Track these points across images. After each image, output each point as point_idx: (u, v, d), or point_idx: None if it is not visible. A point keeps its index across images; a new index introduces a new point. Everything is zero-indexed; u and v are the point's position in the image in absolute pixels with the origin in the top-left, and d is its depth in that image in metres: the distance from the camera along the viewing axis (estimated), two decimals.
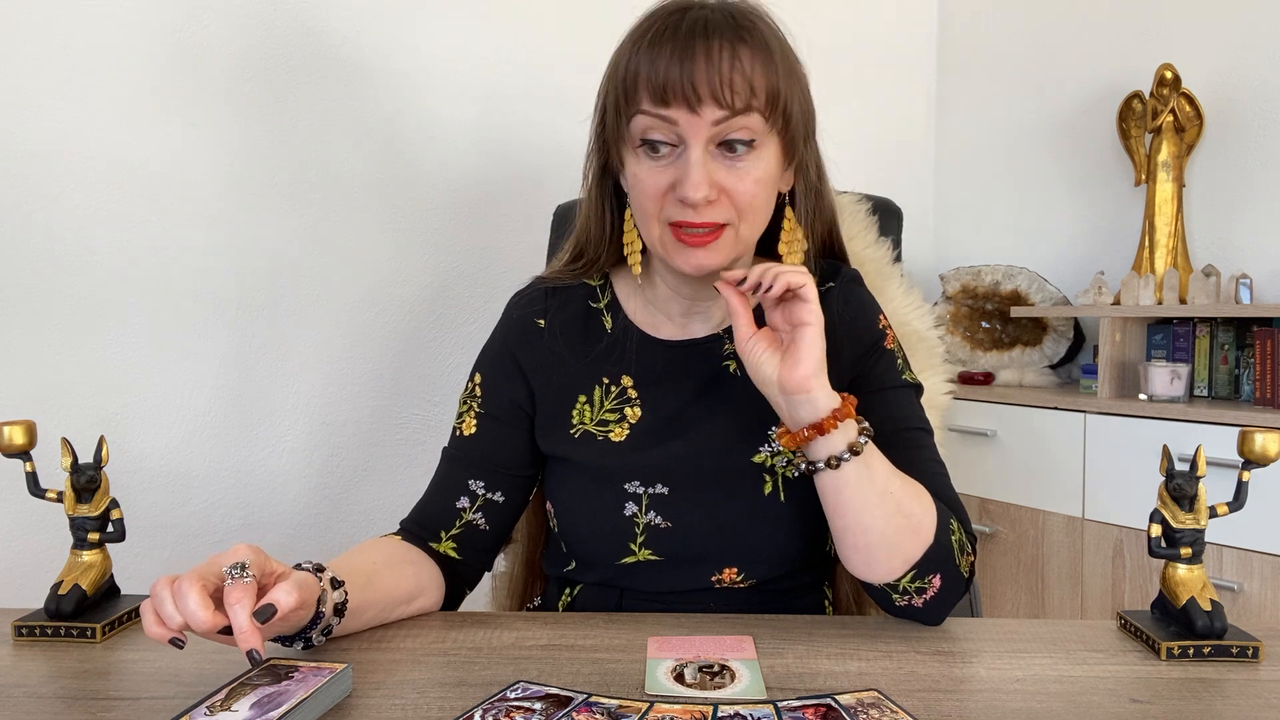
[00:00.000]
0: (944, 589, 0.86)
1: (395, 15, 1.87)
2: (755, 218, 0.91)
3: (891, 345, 1.00)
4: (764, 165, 0.89)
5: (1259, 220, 2.16)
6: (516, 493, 1.01)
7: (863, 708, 0.67)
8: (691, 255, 0.89)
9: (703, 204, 0.86)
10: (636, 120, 0.88)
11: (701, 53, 0.85)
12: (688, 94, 0.84)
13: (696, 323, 1.00)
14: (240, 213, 1.74)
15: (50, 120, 1.59)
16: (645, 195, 0.89)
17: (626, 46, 0.90)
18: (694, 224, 0.87)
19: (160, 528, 1.70)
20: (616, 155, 0.93)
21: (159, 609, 0.66)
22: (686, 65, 0.84)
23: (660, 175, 0.88)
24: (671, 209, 0.88)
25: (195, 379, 1.72)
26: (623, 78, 0.89)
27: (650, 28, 0.88)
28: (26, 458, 0.85)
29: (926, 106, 2.79)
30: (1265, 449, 0.80)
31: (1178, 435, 1.89)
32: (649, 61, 0.86)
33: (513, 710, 0.66)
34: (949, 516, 0.89)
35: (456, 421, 1.03)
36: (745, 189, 0.88)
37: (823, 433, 0.81)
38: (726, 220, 0.88)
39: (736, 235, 0.90)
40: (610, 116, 0.91)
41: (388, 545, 0.95)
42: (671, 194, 0.88)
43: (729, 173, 0.87)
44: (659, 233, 0.90)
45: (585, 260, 1.02)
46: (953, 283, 2.52)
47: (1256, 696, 0.72)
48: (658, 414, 0.97)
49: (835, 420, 0.81)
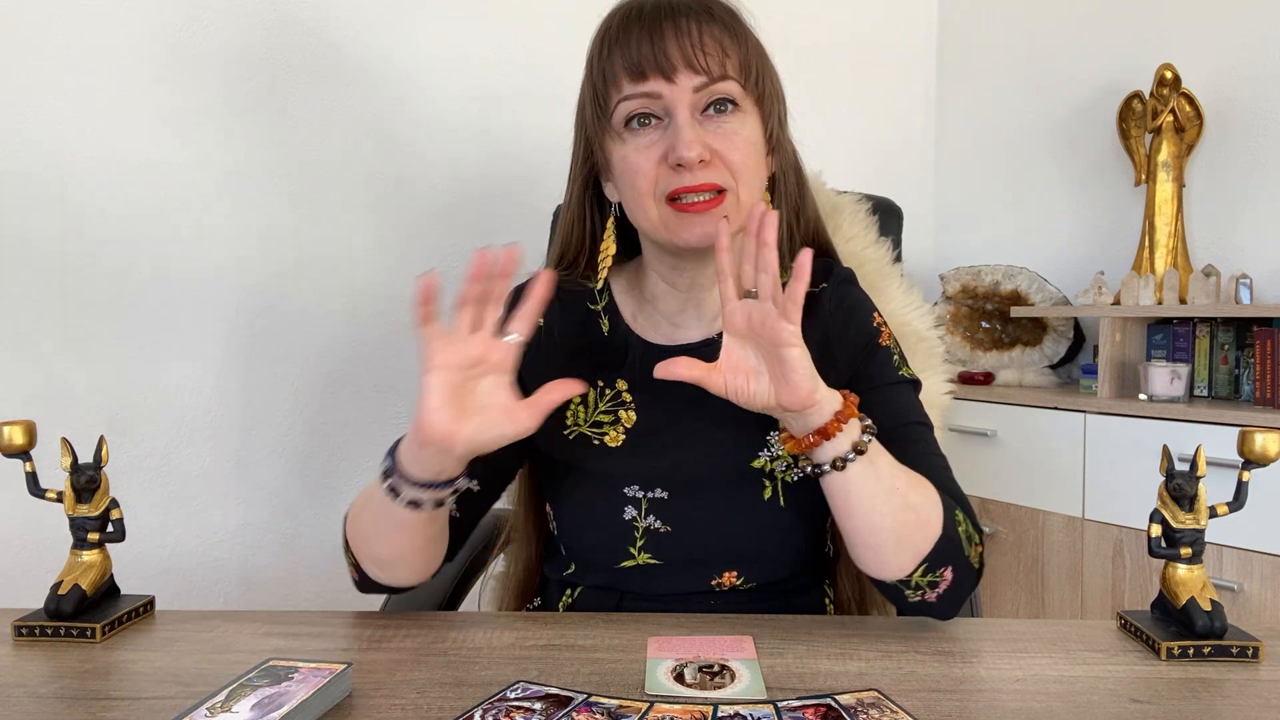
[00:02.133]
0: (956, 580, 0.85)
1: (395, 15, 1.87)
2: (751, 180, 0.91)
3: (887, 342, 0.99)
4: (750, 128, 0.90)
5: (1259, 220, 2.16)
6: (491, 486, 1.00)
7: (863, 708, 0.67)
8: (695, 223, 0.88)
9: (697, 164, 0.87)
10: (620, 107, 0.89)
11: (670, 28, 0.87)
12: (662, 64, 0.86)
13: (690, 323, 0.99)
14: (240, 212, 1.74)
15: (50, 120, 1.59)
16: (638, 173, 0.89)
17: (597, 43, 0.92)
18: (692, 188, 0.87)
19: (160, 528, 1.70)
20: (602, 154, 0.93)
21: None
22: (658, 41, 0.87)
23: (651, 150, 0.89)
24: (667, 180, 0.88)
25: (195, 379, 1.72)
26: (599, 70, 0.90)
27: (615, 18, 0.91)
28: (26, 458, 0.85)
29: (926, 106, 2.79)
30: (1265, 449, 0.80)
31: (1178, 435, 1.88)
32: (622, 47, 0.88)
33: (513, 710, 0.66)
34: (954, 508, 0.88)
35: None
36: (736, 148, 0.89)
37: (828, 437, 0.80)
38: (723, 185, 0.89)
39: (737, 201, 0.90)
40: (591, 111, 0.92)
41: None
42: (664, 165, 0.88)
43: (717, 135, 0.88)
44: (658, 212, 0.90)
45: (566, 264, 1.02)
46: (953, 283, 2.52)
47: (1256, 696, 0.72)
48: (654, 419, 0.96)
49: (839, 423, 0.80)
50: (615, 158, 0.91)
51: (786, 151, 0.98)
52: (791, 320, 0.75)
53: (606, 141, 0.92)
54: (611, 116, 0.90)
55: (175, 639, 0.83)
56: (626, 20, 0.89)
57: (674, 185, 0.88)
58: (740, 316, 0.78)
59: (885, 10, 2.67)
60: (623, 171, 0.91)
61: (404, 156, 1.89)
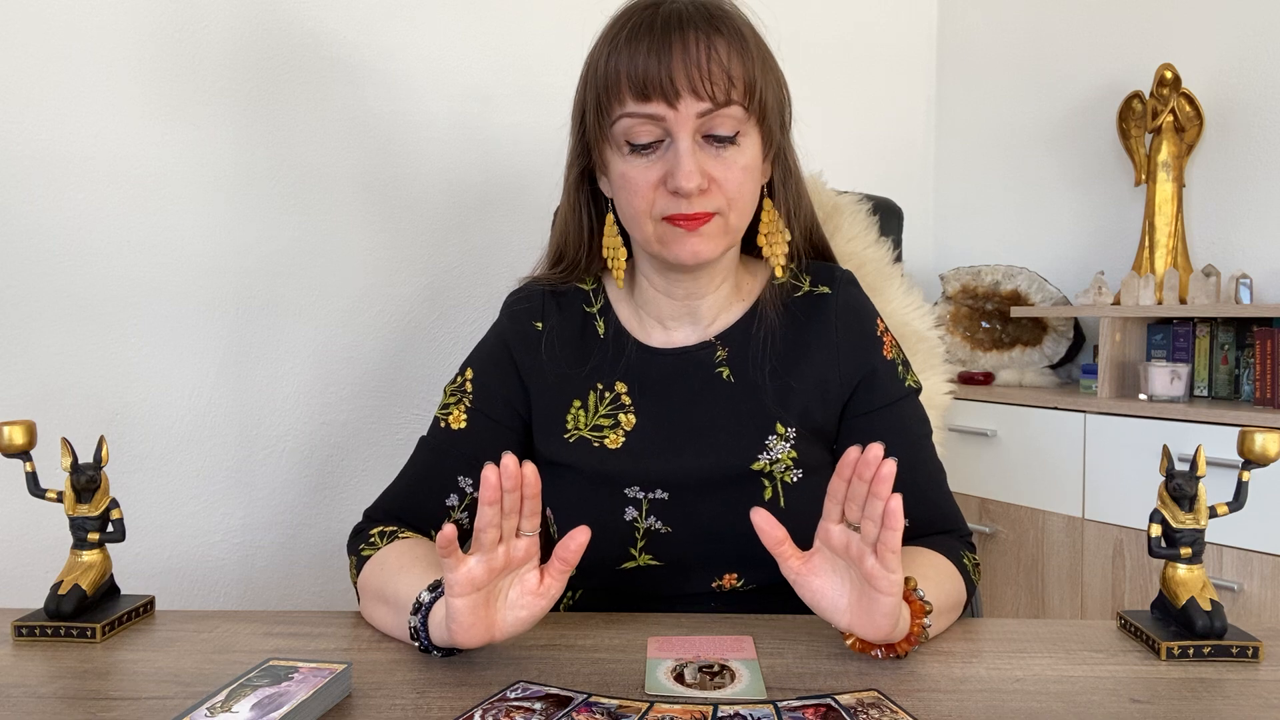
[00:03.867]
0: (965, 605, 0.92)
1: (394, 15, 1.87)
2: (744, 206, 0.92)
3: (891, 353, 1.00)
4: (749, 154, 0.90)
5: (1259, 220, 2.16)
6: None
7: (863, 708, 0.67)
8: (686, 242, 0.89)
9: (695, 194, 0.87)
10: (621, 122, 0.88)
11: (678, 45, 0.86)
12: (666, 88, 0.86)
13: (686, 325, 1.00)
14: (239, 212, 1.74)
15: (50, 120, 1.59)
16: (636, 193, 0.89)
17: (602, 46, 0.91)
18: (688, 216, 0.88)
19: (160, 528, 1.70)
20: (599, 157, 0.93)
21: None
22: (664, 59, 0.85)
23: (649, 171, 0.89)
24: (663, 203, 0.89)
25: (195, 379, 1.72)
26: (603, 76, 0.89)
27: (625, 25, 0.89)
28: (26, 458, 0.85)
29: (926, 106, 2.79)
30: (1265, 449, 0.80)
31: (1178, 435, 1.88)
32: (628, 58, 0.87)
33: (513, 710, 0.66)
34: (960, 554, 0.92)
35: (441, 413, 1.01)
36: (734, 177, 0.89)
37: (900, 655, 0.78)
38: (717, 209, 0.89)
39: (727, 224, 0.91)
40: (591, 117, 0.92)
41: (425, 543, 0.92)
42: (662, 189, 0.88)
43: (716, 162, 0.88)
44: (652, 229, 0.90)
45: (567, 262, 1.02)
46: (953, 283, 2.52)
47: (1256, 696, 0.72)
48: (654, 421, 0.97)
49: (908, 644, 0.77)
50: (613, 169, 0.92)
51: (786, 157, 0.98)
52: (892, 570, 0.71)
53: (605, 148, 0.92)
54: (611, 128, 0.90)
55: (175, 639, 0.83)
56: (635, 29, 0.88)
57: (671, 210, 0.88)
58: (839, 541, 0.74)
59: (885, 10, 2.66)
60: (621, 186, 0.91)
61: (402, 157, 1.89)
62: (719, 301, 0.99)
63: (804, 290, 1.00)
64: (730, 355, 0.98)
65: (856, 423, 0.98)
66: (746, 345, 0.98)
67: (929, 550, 0.91)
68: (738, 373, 0.97)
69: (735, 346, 0.98)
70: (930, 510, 0.96)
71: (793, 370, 0.97)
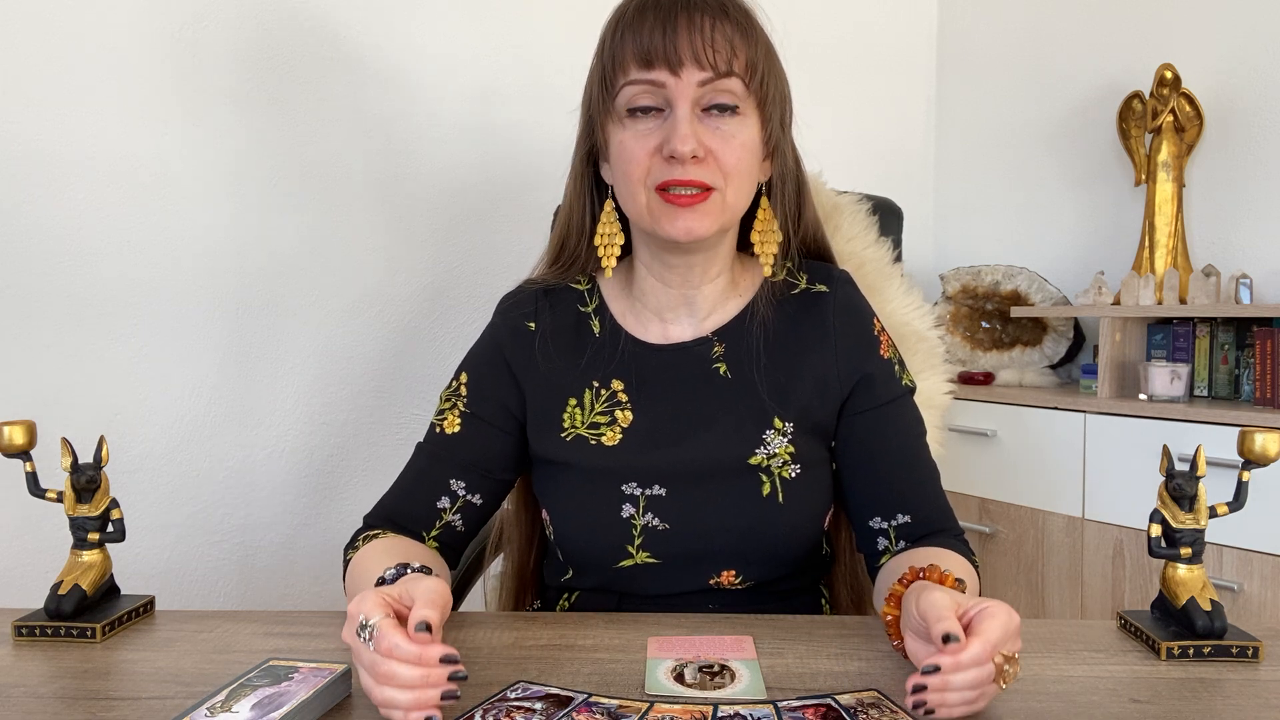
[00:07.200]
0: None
1: (395, 15, 1.87)
2: (741, 183, 0.92)
3: (887, 353, 1.01)
4: (748, 131, 0.91)
5: (1259, 220, 2.16)
6: (493, 496, 1.01)
7: (863, 708, 0.67)
8: (680, 217, 0.89)
9: (690, 159, 0.88)
10: (624, 91, 0.90)
11: (684, 20, 0.88)
12: (670, 57, 0.87)
13: (683, 320, 1.00)
14: (240, 212, 1.74)
15: (50, 120, 1.59)
16: (632, 159, 0.90)
17: (611, 25, 0.93)
18: (682, 181, 0.88)
19: (160, 528, 1.70)
20: (602, 135, 0.94)
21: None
22: (670, 31, 0.87)
23: (647, 138, 0.90)
24: (659, 170, 0.89)
25: (195, 379, 1.72)
26: (610, 51, 0.91)
27: (633, 3, 0.91)
28: (26, 458, 0.85)
29: (926, 106, 2.79)
30: (1265, 449, 0.80)
31: (1178, 435, 1.88)
32: (634, 33, 0.89)
33: (513, 710, 0.66)
34: (968, 550, 0.96)
35: (436, 418, 1.01)
36: (731, 151, 0.90)
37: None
38: (714, 184, 0.89)
39: (724, 201, 0.91)
40: (596, 91, 0.93)
41: (403, 542, 0.92)
42: (658, 156, 0.89)
43: (714, 135, 0.89)
44: (646, 199, 0.91)
45: (567, 255, 1.02)
46: (953, 283, 2.52)
47: (1256, 696, 0.72)
48: (651, 418, 0.97)
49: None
50: (613, 141, 0.92)
51: (786, 156, 0.98)
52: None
53: (607, 123, 0.93)
54: (615, 99, 0.91)
55: (175, 639, 0.83)
56: (643, 6, 0.90)
57: (665, 176, 0.89)
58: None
59: (885, 10, 2.66)
60: (618, 156, 0.92)
61: (404, 156, 1.89)
62: (715, 294, 0.99)
63: (800, 288, 1.00)
64: (727, 351, 0.98)
65: (856, 421, 0.98)
66: (743, 341, 0.98)
67: (944, 551, 0.93)
68: (734, 368, 0.97)
69: (732, 342, 0.98)
70: (928, 508, 0.97)
71: (790, 366, 0.97)
